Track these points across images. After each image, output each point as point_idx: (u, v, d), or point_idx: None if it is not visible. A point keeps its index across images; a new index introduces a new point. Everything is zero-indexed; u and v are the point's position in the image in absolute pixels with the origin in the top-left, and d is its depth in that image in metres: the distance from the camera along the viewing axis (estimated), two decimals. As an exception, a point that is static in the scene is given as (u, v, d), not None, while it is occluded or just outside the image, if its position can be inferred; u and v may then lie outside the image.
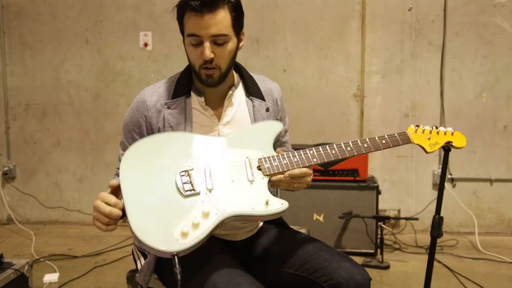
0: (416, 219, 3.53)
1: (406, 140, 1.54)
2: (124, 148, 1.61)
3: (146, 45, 4.04)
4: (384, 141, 1.52)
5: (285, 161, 1.45)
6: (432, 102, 3.81)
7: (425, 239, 3.51)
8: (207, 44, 1.46)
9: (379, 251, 3.16)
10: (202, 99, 1.59)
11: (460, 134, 1.60)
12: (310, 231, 2.15)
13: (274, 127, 1.56)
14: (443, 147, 1.84)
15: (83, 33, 4.09)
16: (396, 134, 1.54)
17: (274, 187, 1.48)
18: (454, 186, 3.82)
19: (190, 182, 1.38)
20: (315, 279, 1.43)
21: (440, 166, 2.52)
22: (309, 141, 3.71)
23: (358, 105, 3.88)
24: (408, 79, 3.82)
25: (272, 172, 1.44)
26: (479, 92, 3.76)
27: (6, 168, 4.22)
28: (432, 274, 2.16)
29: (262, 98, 1.66)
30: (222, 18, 1.45)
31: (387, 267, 3.11)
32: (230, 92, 1.61)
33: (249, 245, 1.63)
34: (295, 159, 1.46)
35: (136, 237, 1.27)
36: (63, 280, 2.92)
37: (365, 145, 1.51)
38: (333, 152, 1.49)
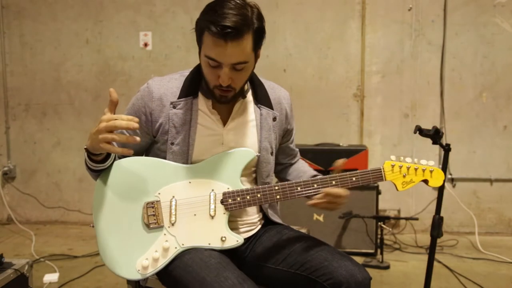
0: (416, 219, 3.53)
1: (379, 178, 1.51)
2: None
3: (146, 45, 4.04)
4: (354, 178, 1.50)
5: (248, 197, 1.49)
6: (432, 102, 3.81)
7: (425, 239, 3.51)
8: (225, 71, 1.42)
9: (379, 251, 3.16)
10: (210, 102, 1.57)
11: (440, 173, 1.53)
12: (310, 231, 2.15)
13: (245, 156, 1.53)
14: (441, 146, 1.85)
15: (83, 33, 4.10)
16: (369, 171, 1.50)
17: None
18: (454, 186, 3.82)
19: (155, 215, 1.47)
20: (316, 278, 1.44)
21: (440, 166, 2.52)
22: (309, 141, 3.71)
23: (358, 105, 3.88)
24: (408, 79, 3.82)
25: (233, 209, 1.50)
26: (479, 92, 3.77)
27: (6, 168, 4.22)
28: (432, 274, 2.17)
29: (270, 106, 1.64)
30: (244, 46, 1.40)
31: (387, 267, 3.11)
32: (240, 98, 1.60)
33: (249, 245, 1.63)
34: (259, 195, 1.49)
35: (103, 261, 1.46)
36: (63, 280, 2.92)
37: (333, 182, 1.49)
38: (298, 189, 1.49)
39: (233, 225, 1.58)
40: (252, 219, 1.65)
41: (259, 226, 1.69)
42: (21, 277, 2.15)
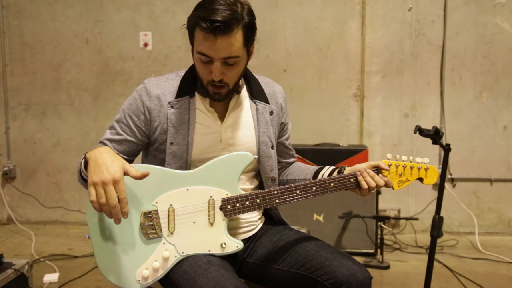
0: (416, 219, 3.53)
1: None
2: (112, 133, 1.58)
3: (146, 45, 4.04)
4: (352, 180, 1.51)
5: (247, 202, 1.48)
6: (432, 102, 3.81)
7: (425, 239, 3.51)
8: (217, 65, 1.43)
9: (379, 251, 3.16)
10: (207, 100, 1.57)
11: (434, 170, 1.57)
12: (310, 231, 2.15)
13: (243, 160, 1.50)
14: (441, 146, 1.85)
15: (83, 33, 4.10)
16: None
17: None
18: (454, 186, 3.82)
19: (154, 225, 1.45)
20: (317, 277, 1.44)
21: (440, 166, 2.52)
22: (309, 141, 3.71)
23: (358, 105, 3.88)
24: (408, 79, 3.82)
25: (232, 216, 1.49)
26: (479, 92, 3.77)
27: (6, 168, 4.22)
28: (432, 274, 2.17)
29: (266, 101, 1.65)
30: (235, 40, 1.41)
31: (387, 267, 3.11)
32: (235, 94, 1.60)
33: (250, 245, 1.64)
34: (258, 200, 1.48)
35: (102, 274, 1.44)
36: (63, 280, 2.92)
37: (332, 184, 1.51)
38: (298, 192, 1.50)
39: (234, 224, 1.58)
40: (252, 217, 1.65)
41: (260, 225, 1.69)
42: (21, 277, 2.15)
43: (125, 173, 1.34)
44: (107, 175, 1.30)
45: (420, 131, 2.04)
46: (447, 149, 2.09)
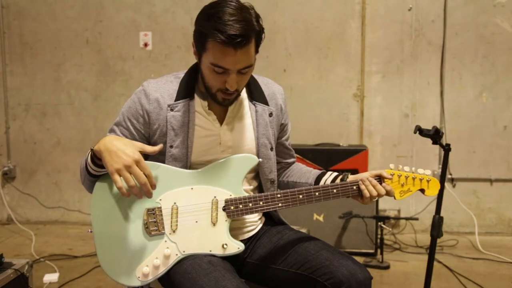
0: (416, 219, 3.54)
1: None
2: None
3: (146, 45, 4.04)
4: (355, 187, 1.53)
5: (250, 204, 1.48)
6: (432, 102, 3.81)
7: (425, 239, 3.51)
8: (233, 77, 1.43)
9: (379, 251, 3.16)
10: (206, 103, 1.57)
11: (436, 182, 1.60)
12: (310, 231, 2.16)
13: (247, 162, 1.52)
14: (441, 146, 1.85)
15: (83, 33, 4.09)
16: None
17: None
18: (454, 186, 3.82)
19: (156, 222, 1.45)
20: (317, 277, 1.44)
21: (440, 166, 2.53)
22: (309, 141, 3.71)
23: (358, 105, 3.88)
24: (408, 79, 3.82)
25: (235, 217, 1.49)
26: (479, 92, 3.77)
27: (6, 168, 4.22)
28: (432, 274, 2.17)
29: (265, 102, 1.64)
30: (251, 50, 1.42)
31: (387, 267, 3.11)
32: None
33: (250, 245, 1.64)
34: (261, 203, 1.49)
35: (102, 269, 1.44)
36: (63, 280, 2.92)
37: (334, 191, 1.51)
38: (300, 197, 1.50)
39: (234, 224, 1.58)
40: (253, 217, 1.65)
41: (260, 225, 1.69)
42: (21, 277, 2.15)
43: (141, 151, 1.38)
44: (127, 158, 1.34)
45: (420, 131, 2.04)
46: (447, 149, 2.09)
